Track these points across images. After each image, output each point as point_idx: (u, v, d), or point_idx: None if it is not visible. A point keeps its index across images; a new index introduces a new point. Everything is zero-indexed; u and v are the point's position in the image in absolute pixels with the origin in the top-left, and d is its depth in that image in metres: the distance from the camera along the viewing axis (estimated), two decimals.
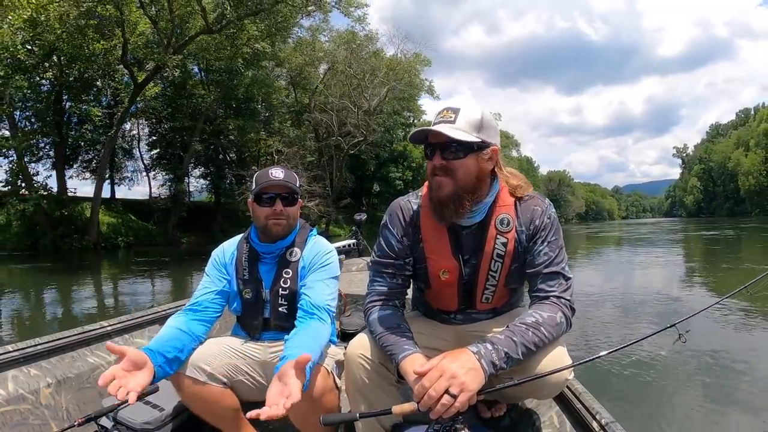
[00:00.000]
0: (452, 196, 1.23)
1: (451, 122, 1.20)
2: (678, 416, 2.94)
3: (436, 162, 1.22)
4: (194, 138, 23.97)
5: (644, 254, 14.77)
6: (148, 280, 10.83)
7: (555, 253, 1.27)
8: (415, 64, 31.22)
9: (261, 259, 1.63)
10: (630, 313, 5.92)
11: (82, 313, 6.96)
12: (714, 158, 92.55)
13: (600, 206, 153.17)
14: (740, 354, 4.05)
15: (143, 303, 7.75)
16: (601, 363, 3.67)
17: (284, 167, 1.62)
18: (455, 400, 1.01)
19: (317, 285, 1.54)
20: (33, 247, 18.82)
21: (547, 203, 1.33)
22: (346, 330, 2.34)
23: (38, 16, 15.37)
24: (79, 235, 19.37)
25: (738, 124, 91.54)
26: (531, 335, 1.14)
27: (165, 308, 2.39)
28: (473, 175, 1.23)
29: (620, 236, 27.65)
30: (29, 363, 1.75)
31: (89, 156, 24.70)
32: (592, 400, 1.33)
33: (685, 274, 9.97)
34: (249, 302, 1.62)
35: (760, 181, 73.07)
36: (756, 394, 3.20)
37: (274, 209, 1.56)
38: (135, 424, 1.56)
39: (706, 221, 53.15)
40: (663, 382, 3.43)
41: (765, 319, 5.08)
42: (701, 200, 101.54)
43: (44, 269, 13.22)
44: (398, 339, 1.21)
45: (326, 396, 1.33)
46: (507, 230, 1.29)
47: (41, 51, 16.64)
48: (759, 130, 73.63)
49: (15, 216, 18.10)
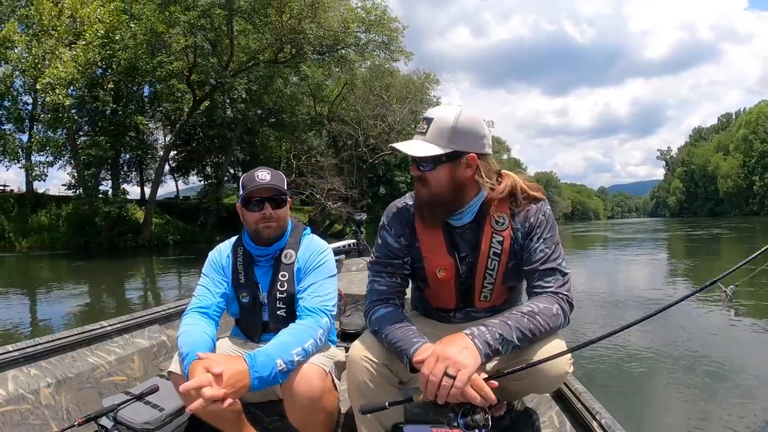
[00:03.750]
0: (428, 202, 1.26)
1: (422, 134, 1.20)
2: (678, 415, 2.91)
3: (413, 172, 1.26)
4: (234, 146, 25.32)
5: (631, 253, 14.86)
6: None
7: (551, 250, 1.24)
8: (426, 83, 32.64)
9: (256, 263, 1.56)
10: (621, 305, 5.95)
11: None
12: (696, 161, 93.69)
13: (586, 206, 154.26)
14: (739, 349, 4.05)
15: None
16: (600, 363, 3.65)
17: (270, 168, 1.53)
18: (454, 380, 1.01)
19: (313, 287, 1.47)
20: (85, 246, 19.54)
21: (541, 201, 1.31)
22: (346, 330, 2.30)
23: (113, 35, 16.39)
24: (133, 234, 20.20)
25: (720, 128, 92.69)
26: (526, 321, 1.12)
27: (165, 308, 2.34)
28: (446, 185, 1.22)
29: (606, 236, 27.82)
30: (29, 363, 1.70)
31: (127, 159, 26.20)
32: (592, 400, 1.30)
33: (668, 269, 10.05)
34: (246, 306, 1.56)
35: (738, 183, 74.24)
36: (755, 388, 3.19)
37: (263, 213, 1.48)
38: (135, 424, 1.51)
39: (688, 221, 53.70)
40: (663, 381, 3.42)
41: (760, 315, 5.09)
42: (683, 201, 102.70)
43: (120, 265, 14.36)
44: (405, 333, 1.18)
45: (325, 397, 1.29)
46: (502, 229, 1.27)
47: (118, 68, 17.37)
48: (738, 135, 74.67)
49: (102, 217, 18.77)
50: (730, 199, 77.71)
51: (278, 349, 1.25)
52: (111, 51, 16.62)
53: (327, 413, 1.31)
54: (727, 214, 73.68)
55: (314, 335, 1.34)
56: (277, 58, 20.51)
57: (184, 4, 17.72)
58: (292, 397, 1.27)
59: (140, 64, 17.41)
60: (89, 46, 16.00)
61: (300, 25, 19.01)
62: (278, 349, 1.25)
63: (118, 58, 16.88)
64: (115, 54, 16.77)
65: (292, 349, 1.27)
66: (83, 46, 16.00)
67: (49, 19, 16.14)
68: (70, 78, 15.59)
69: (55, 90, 15.44)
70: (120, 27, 16.58)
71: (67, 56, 15.74)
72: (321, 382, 1.28)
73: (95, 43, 16.11)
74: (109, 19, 16.44)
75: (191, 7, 17.74)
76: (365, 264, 3.62)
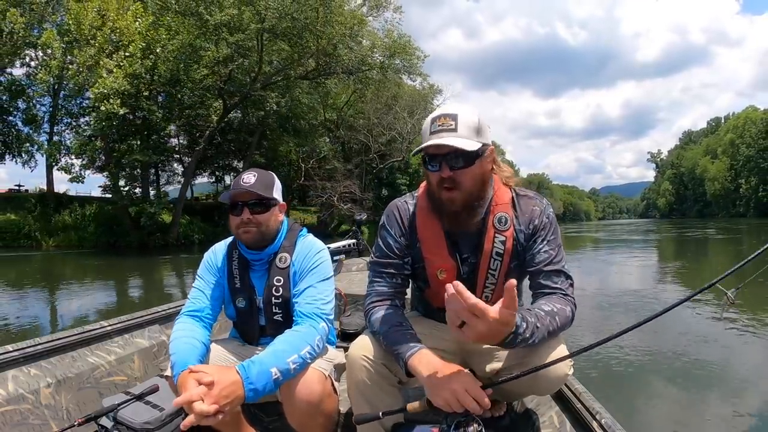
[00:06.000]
0: (465, 205, 1.18)
1: (452, 130, 1.12)
2: (678, 415, 2.90)
3: (445, 174, 1.15)
4: (253, 150, 25.84)
5: (626, 254, 14.90)
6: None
7: (555, 252, 1.22)
8: (430, 93, 33.62)
9: (251, 267, 1.52)
10: (620, 306, 5.94)
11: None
12: (685, 164, 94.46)
13: (577, 207, 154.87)
14: (737, 350, 4.05)
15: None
16: (600, 364, 3.64)
17: (260, 171, 1.48)
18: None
19: (309, 290, 1.42)
20: (114, 245, 19.99)
21: (545, 203, 1.29)
22: (346, 330, 2.27)
23: (154, 48, 16.97)
24: (162, 233, 20.58)
25: (709, 132, 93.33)
26: (549, 321, 1.09)
27: (165, 308, 2.30)
28: (480, 181, 1.18)
29: (598, 237, 27.92)
30: (29, 363, 1.67)
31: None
32: (592, 400, 1.28)
33: (663, 270, 10.07)
34: (243, 310, 1.52)
35: (725, 186, 74.97)
36: (752, 388, 3.19)
37: (242, 218, 1.42)
38: (135, 424, 1.48)
39: (677, 222, 54.01)
40: (663, 381, 3.40)
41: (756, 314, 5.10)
42: (673, 203, 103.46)
43: (153, 262, 14.86)
44: (403, 337, 1.16)
45: (325, 401, 1.26)
46: (505, 229, 1.24)
47: (159, 79, 17.93)
48: (726, 140, 75.30)
49: (146, 218, 19.22)
50: (717, 201, 78.38)
51: (273, 358, 1.21)
52: (152, 63, 17.24)
53: (326, 416, 1.29)
54: (714, 216, 74.33)
55: (311, 341, 1.30)
56: (307, 75, 21.54)
57: (229, 28, 18.47)
58: (291, 402, 1.24)
59: (181, 75, 18.21)
60: (133, 58, 16.55)
61: (336, 50, 19.92)
62: (273, 358, 1.21)
63: (159, 69, 17.56)
64: (156, 66, 17.45)
65: (287, 357, 1.22)
66: (128, 58, 16.52)
67: (89, 29, 16.46)
68: (123, 89, 16.14)
69: (109, 99, 15.94)
70: (160, 40, 17.15)
71: (111, 65, 16.22)
72: (320, 386, 1.25)
73: (138, 55, 16.66)
74: (149, 32, 17.00)
75: (239, 30, 18.44)
76: (365, 264, 3.59)
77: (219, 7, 17.74)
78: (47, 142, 22.34)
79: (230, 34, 18.29)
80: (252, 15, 18.28)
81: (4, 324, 5.79)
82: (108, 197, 20.94)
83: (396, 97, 31.02)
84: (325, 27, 19.08)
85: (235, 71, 20.47)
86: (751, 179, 67.68)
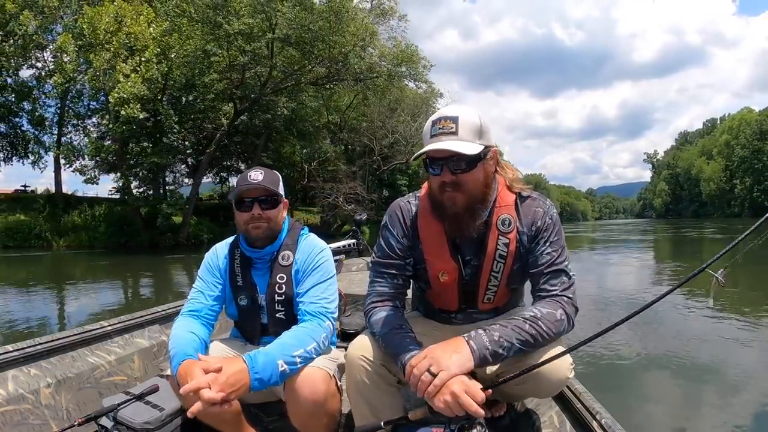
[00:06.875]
0: (467, 209, 1.16)
1: (452, 133, 1.11)
2: (678, 415, 2.89)
3: (446, 178, 1.13)
4: (260, 152, 25.97)
5: (623, 253, 14.93)
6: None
7: (558, 253, 1.21)
8: (431, 96, 33.50)
9: (253, 265, 1.51)
10: (615, 303, 5.94)
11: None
12: (680, 165, 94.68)
13: (574, 207, 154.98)
14: (735, 346, 4.05)
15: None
16: (600, 364, 3.63)
17: (265, 169, 1.48)
18: (434, 378, 0.99)
19: (314, 290, 1.42)
20: (125, 244, 20.09)
21: (548, 204, 1.27)
22: (347, 330, 2.27)
23: (169, 53, 17.24)
24: (172, 233, 20.72)
25: (705, 133, 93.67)
26: (528, 327, 1.09)
27: (165, 308, 2.28)
28: (482, 184, 1.17)
29: (595, 237, 27.95)
30: (29, 363, 1.65)
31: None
32: (592, 400, 1.27)
33: (659, 267, 10.08)
34: (245, 309, 1.51)
35: (720, 186, 75.23)
36: (751, 383, 3.18)
37: (252, 214, 1.42)
38: (135, 424, 1.46)
39: (673, 222, 54.10)
40: (663, 381, 3.40)
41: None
42: (669, 203, 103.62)
43: (166, 261, 14.94)
44: (401, 339, 1.14)
45: (329, 400, 1.25)
46: (508, 230, 1.22)
47: (174, 84, 18.32)
48: (721, 141, 75.55)
49: (163, 218, 19.52)
50: (713, 202, 78.63)
51: (280, 350, 1.22)
52: (167, 68, 17.43)
53: (330, 416, 1.28)
54: (710, 216, 74.52)
55: (317, 338, 1.30)
56: (317, 81, 21.94)
57: (246, 37, 18.65)
58: (295, 401, 1.23)
59: (196, 80, 18.49)
60: (150, 63, 16.67)
61: (347, 59, 20.26)
62: (280, 350, 1.22)
63: (173, 74, 17.83)
64: (172, 71, 17.66)
65: (294, 351, 1.23)
66: (145, 63, 16.61)
67: (104, 34, 16.50)
68: (141, 94, 16.27)
69: (129, 104, 16.04)
70: (173, 45, 17.34)
71: (128, 70, 16.31)
72: (324, 385, 1.24)
73: (153, 60, 16.80)
74: (163, 38, 17.14)
75: (255, 39, 18.69)
76: (365, 264, 3.58)
77: (236, 16, 17.89)
78: (57, 144, 22.38)
79: (247, 43, 18.52)
80: (265, 24, 18.54)
81: (16, 323, 5.83)
82: (116, 198, 21.19)
83: (399, 100, 31.21)
84: (337, 37, 19.34)
85: (248, 77, 20.77)
86: (745, 180, 67.99)
